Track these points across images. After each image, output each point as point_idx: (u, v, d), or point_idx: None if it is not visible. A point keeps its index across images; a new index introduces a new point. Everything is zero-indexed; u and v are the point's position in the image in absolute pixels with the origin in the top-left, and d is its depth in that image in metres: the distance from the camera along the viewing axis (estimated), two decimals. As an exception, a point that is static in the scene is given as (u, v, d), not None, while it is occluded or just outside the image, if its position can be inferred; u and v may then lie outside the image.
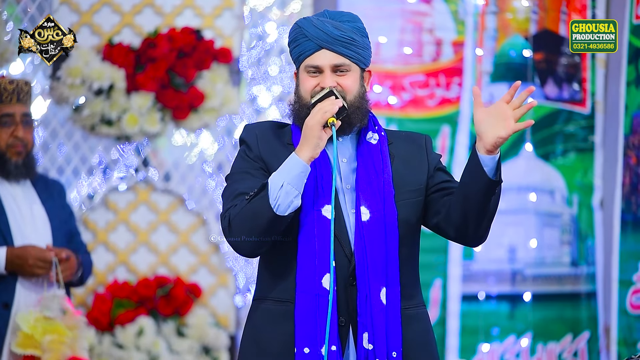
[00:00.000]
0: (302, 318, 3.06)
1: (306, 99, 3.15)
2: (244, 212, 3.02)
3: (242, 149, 3.20)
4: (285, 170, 3.02)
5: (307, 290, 3.06)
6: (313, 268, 3.06)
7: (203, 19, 5.92)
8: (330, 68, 3.14)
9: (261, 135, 3.20)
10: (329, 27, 3.13)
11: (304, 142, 3.04)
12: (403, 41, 5.88)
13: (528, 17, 5.92)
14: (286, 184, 3.00)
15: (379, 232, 3.12)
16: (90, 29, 5.83)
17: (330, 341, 3.04)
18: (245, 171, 3.14)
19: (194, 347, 5.75)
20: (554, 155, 5.92)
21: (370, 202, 3.13)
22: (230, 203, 3.08)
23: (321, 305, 3.04)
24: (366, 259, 3.09)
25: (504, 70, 5.90)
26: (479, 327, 5.78)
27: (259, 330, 3.14)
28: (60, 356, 4.36)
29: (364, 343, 3.07)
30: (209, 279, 5.90)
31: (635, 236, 5.20)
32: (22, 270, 4.43)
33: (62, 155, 5.77)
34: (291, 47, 3.19)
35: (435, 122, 5.88)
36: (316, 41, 3.14)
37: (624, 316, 5.19)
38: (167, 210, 5.90)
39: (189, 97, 5.75)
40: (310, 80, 3.16)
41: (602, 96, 5.91)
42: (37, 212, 4.58)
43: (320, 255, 3.06)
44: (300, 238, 3.09)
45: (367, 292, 3.08)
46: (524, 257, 5.85)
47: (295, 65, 3.22)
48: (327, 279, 3.05)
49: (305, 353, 3.04)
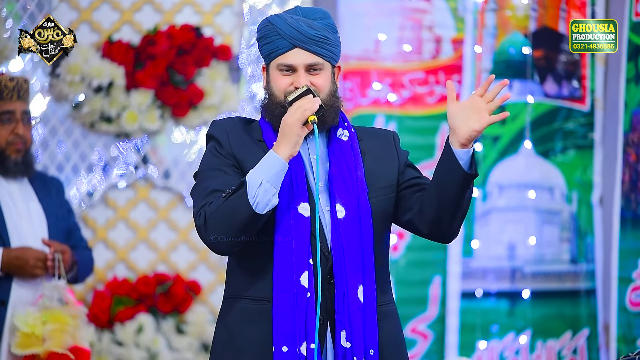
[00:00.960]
0: (280, 316, 3.04)
1: (279, 97, 3.13)
2: (221, 210, 2.99)
3: (211, 145, 3.16)
4: (263, 168, 3.00)
5: (285, 288, 3.04)
6: (291, 266, 3.04)
7: (202, 17, 5.92)
8: (304, 67, 3.13)
9: (231, 131, 3.17)
10: (303, 26, 3.12)
11: (282, 140, 3.02)
12: (402, 38, 5.87)
13: (527, 15, 5.92)
14: (265, 182, 2.98)
15: (355, 230, 3.11)
16: (90, 26, 5.83)
17: (309, 339, 3.03)
18: (217, 168, 3.11)
19: (193, 344, 5.76)
20: (553, 152, 5.92)
21: (345, 200, 3.11)
22: (203, 200, 3.05)
23: (299, 303, 3.03)
24: (343, 257, 3.07)
25: (504, 67, 5.89)
26: (478, 325, 5.78)
27: (233, 329, 3.12)
28: (62, 345, 4.34)
29: (342, 341, 3.06)
30: (208, 276, 5.90)
31: (635, 233, 5.20)
32: (22, 270, 4.42)
33: (62, 153, 5.78)
34: (261, 43, 3.17)
35: (435, 120, 5.88)
36: (290, 40, 3.12)
37: (624, 313, 5.19)
38: (166, 208, 5.90)
39: (189, 94, 5.75)
40: (283, 78, 3.14)
41: (601, 93, 5.91)
42: (33, 209, 4.57)
43: (298, 253, 3.04)
44: (277, 236, 3.06)
45: (345, 290, 3.07)
46: (524, 254, 5.85)
47: (265, 61, 3.19)
48: (305, 277, 3.04)
49: (284, 352, 3.02)
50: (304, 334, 3.03)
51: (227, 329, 3.13)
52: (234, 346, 3.10)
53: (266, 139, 3.16)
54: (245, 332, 3.09)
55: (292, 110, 3.04)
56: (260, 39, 3.18)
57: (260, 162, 3.02)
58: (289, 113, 3.04)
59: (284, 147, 3.02)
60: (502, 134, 5.88)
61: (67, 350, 4.36)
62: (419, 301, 5.80)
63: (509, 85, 5.89)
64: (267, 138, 3.15)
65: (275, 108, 3.14)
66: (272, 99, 3.16)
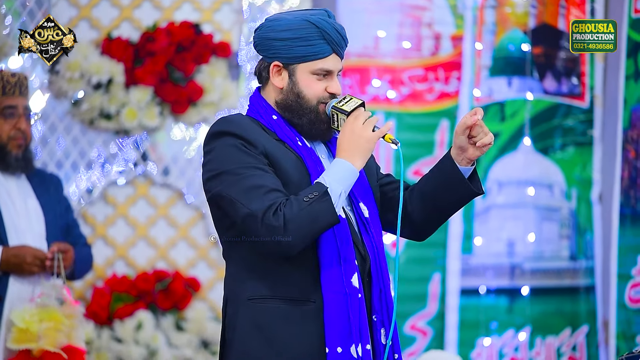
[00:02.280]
0: (333, 318, 3.02)
1: (311, 102, 3.13)
2: (304, 214, 2.95)
3: (237, 142, 3.06)
4: (342, 178, 3.01)
5: (336, 290, 3.03)
6: (339, 267, 3.04)
7: (202, 13, 5.91)
8: (336, 73, 3.17)
9: (254, 130, 3.11)
10: (344, 32, 3.16)
11: (357, 152, 3.04)
12: (402, 35, 5.87)
13: (527, 11, 5.92)
14: (343, 192, 3.00)
15: (378, 228, 3.15)
16: (89, 23, 5.83)
17: (363, 340, 3.04)
18: (255, 166, 3.04)
19: (192, 341, 5.76)
20: (552, 149, 5.92)
21: (365, 199, 3.16)
22: (266, 200, 2.98)
23: (352, 304, 3.02)
24: (378, 256, 3.11)
25: (503, 64, 5.90)
26: (477, 321, 5.78)
27: (272, 330, 3.06)
28: (56, 344, 4.34)
29: (382, 339, 3.10)
30: (207, 273, 5.90)
31: (634, 230, 5.20)
32: (20, 268, 4.42)
33: (61, 150, 5.77)
34: (295, 44, 3.12)
35: (434, 117, 5.88)
36: (333, 46, 3.13)
37: (623, 310, 5.20)
38: (166, 205, 5.90)
39: (188, 91, 5.75)
40: (318, 83, 3.13)
41: (601, 90, 5.91)
42: (31, 206, 4.57)
43: (345, 254, 3.04)
44: (323, 238, 3.04)
45: (382, 288, 3.10)
46: (523, 251, 5.85)
47: (289, 61, 3.15)
48: (355, 278, 3.04)
49: (339, 352, 3.01)
50: (358, 334, 3.03)
51: (264, 332, 3.07)
52: (276, 348, 3.05)
53: (286, 138, 3.13)
54: (288, 333, 3.05)
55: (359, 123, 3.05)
56: (295, 38, 3.13)
57: (335, 171, 3.02)
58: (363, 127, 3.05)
59: (360, 160, 3.04)
60: (501, 131, 5.88)
61: (61, 349, 4.35)
62: (418, 298, 5.80)
63: (509, 82, 5.91)
64: (288, 137, 3.13)
65: (305, 111, 3.13)
66: (303, 102, 3.14)
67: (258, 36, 3.18)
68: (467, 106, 5.84)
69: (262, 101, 3.19)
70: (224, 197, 3.03)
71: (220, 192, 3.04)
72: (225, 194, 3.03)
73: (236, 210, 3.00)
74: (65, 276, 4.57)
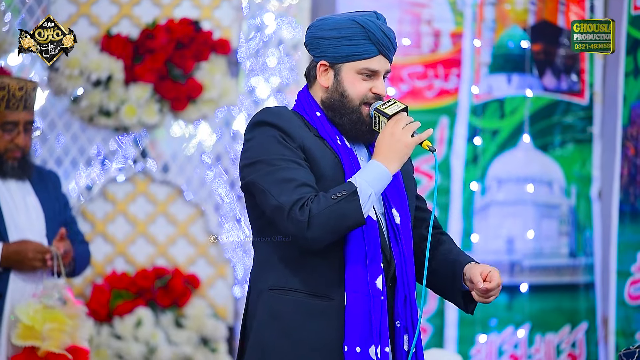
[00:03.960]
0: (354, 317, 3.03)
1: (355, 102, 3.14)
2: (330, 212, 2.97)
3: (276, 134, 3.08)
4: (374, 180, 3.01)
5: (360, 290, 3.04)
6: (364, 268, 3.05)
7: (201, 10, 5.91)
8: (383, 74, 3.17)
9: (295, 124, 3.13)
10: (392, 35, 3.16)
11: (394, 156, 3.04)
12: (401, 32, 5.87)
13: (526, 8, 5.92)
14: (374, 195, 3.00)
15: (409, 235, 3.16)
16: (89, 20, 5.83)
17: (383, 342, 3.04)
18: (291, 159, 3.05)
19: (192, 338, 5.76)
20: (552, 146, 5.92)
21: (398, 205, 3.16)
22: (297, 194, 3.00)
23: (374, 306, 3.03)
24: (405, 262, 3.12)
25: (502, 61, 5.90)
26: (477, 318, 5.78)
27: (290, 322, 3.07)
28: (60, 344, 4.34)
29: (404, 345, 3.11)
30: (207, 270, 5.90)
31: (633, 227, 5.20)
32: (21, 265, 4.41)
33: (61, 146, 5.77)
34: (341, 43, 3.14)
35: (434, 114, 5.89)
36: (379, 47, 3.14)
37: (622, 307, 5.20)
38: (165, 202, 5.90)
39: (187, 88, 5.75)
40: (363, 83, 3.14)
41: (600, 87, 5.91)
42: (31, 203, 4.56)
43: (372, 255, 3.05)
44: (351, 237, 3.05)
45: (407, 294, 3.12)
46: (522, 248, 5.85)
47: (337, 61, 3.15)
48: (380, 281, 3.05)
49: (357, 352, 3.02)
50: (378, 336, 3.03)
51: (281, 322, 3.08)
52: (292, 340, 3.07)
53: (326, 135, 3.14)
54: (305, 327, 3.06)
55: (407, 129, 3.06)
56: (341, 37, 3.14)
57: (368, 172, 3.02)
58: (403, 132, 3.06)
59: (396, 164, 3.04)
60: (501, 128, 5.88)
61: (65, 350, 4.36)
62: (417, 294, 5.79)
63: (508, 79, 5.91)
64: (328, 134, 3.14)
65: (348, 111, 3.14)
66: (346, 101, 3.14)
67: (308, 35, 3.21)
68: (466, 103, 5.84)
69: (308, 97, 3.21)
70: (256, 185, 3.06)
71: (254, 180, 3.07)
72: (258, 183, 3.06)
73: (266, 200, 3.03)
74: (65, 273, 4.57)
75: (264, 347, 3.09)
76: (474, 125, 5.87)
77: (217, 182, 5.87)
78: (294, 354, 3.06)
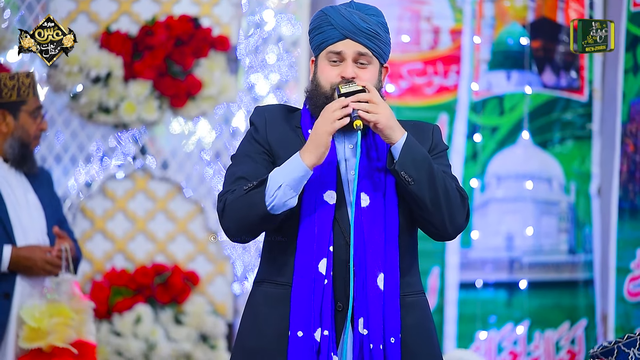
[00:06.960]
0: (298, 302, 3.07)
1: (325, 88, 3.14)
2: (240, 202, 3.05)
3: (250, 130, 3.20)
4: (286, 171, 3.03)
5: (303, 274, 3.07)
6: (311, 252, 3.07)
7: (201, 7, 5.91)
8: (352, 57, 3.13)
9: (270, 118, 3.19)
10: (355, 18, 3.13)
11: (310, 146, 3.03)
12: (401, 29, 5.87)
13: (526, 5, 5.92)
14: (284, 186, 3.01)
15: (378, 219, 3.12)
16: (88, 17, 5.83)
17: (323, 326, 3.06)
18: (247, 154, 3.15)
19: (191, 334, 5.76)
20: (551, 143, 5.92)
21: (370, 189, 3.13)
22: (228, 186, 3.11)
23: (316, 289, 3.06)
24: (364, 245, 3.09)
25: (502, 58, 5.90)
26: (476, 315, 5.78)
27: (257, 311, 3.15)
28: (65, 339, 4.34)
29: (360, 328, 3.08)
30: (206, 267, 5.90)
31: (633, 224, 5.21)
32: (30, 271, 4.40)
33: (60, 143, 5.77)
34: (313, 34, 3.17)
35: (433, 110, 5.89)
36: (341, 30, 3.13)
37: (621, 304, 5.20)
38: (164, 198, 5.90)
39: (187, 85, 5.75)
40: (331, 69, 3.14)
41: (599, 84, 5.91)
42: (31, 200, 4.56)
43: (319, 239, 3.07)
44: (302, 222, 3.09)
45: (364, 278, 3.08)
46: (522, 244, 5.86)
47: (314, 53, 3.19)
48: (323, 264, 3.06)
49: (299, 336, 3.05)
50: (319, 320, 3.06)
51: (253, 311, 3.17)
52: (256, 327, 3.14)
53: (303, 126, 3.17)
54: (267, 315, 3.13)
55: (324, 119, 3.03)
56: (312, 30, 3.18)
57: (285, 164, 3.04)
58: (321, 121, 3.04)
59: (310, 155, 3.03)
60: (500, 125, 5.88)
61: (71, 344, 4.35)
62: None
63: (507, 76, 5.91)
64: (304, 125, 3.17)
65: (319, 99, 3.14)
66: (318, 89, 3.15)
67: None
68: (466, 100, 5.84)
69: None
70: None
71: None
72: (224, 177, 3.20)
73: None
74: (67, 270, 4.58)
75: (238, 335, 3.21)
76: (474, 122, 5.87)
77: (217, 179, 5.88)
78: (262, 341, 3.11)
